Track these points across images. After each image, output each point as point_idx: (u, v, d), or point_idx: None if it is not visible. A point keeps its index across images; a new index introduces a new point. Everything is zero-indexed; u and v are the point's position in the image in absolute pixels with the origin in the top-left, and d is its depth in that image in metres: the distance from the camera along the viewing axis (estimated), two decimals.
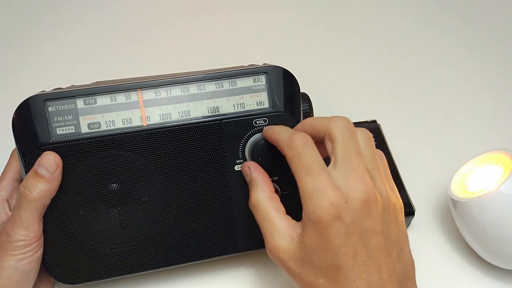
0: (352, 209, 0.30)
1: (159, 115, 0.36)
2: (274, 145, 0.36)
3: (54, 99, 0.35)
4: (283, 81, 0.38)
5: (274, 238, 0.33)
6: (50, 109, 0.35)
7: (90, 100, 0.35)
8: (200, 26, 0.71)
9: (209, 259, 0.40)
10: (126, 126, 0.36)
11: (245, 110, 0.37)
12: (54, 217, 0.36)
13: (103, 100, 0.35)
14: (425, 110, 0.58)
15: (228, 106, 0.37)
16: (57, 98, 0.35)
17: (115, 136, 0.35)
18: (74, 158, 0.35)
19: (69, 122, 0.35)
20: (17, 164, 0.37)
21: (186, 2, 0.75)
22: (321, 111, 0.47)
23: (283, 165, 0.37)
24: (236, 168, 0.38)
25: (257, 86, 0.38)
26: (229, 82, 0.37)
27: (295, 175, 0.32)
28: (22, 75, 0.63)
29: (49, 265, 0.37)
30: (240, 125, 0.37)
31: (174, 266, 0.39)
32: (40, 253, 0.35)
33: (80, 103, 0.35)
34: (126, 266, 0.38)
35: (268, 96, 0.38)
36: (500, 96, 0.60)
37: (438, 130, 0.56)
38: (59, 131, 0.35)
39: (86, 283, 0.38)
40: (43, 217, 0.35)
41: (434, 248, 0.45)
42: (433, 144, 0.54)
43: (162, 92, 0.36)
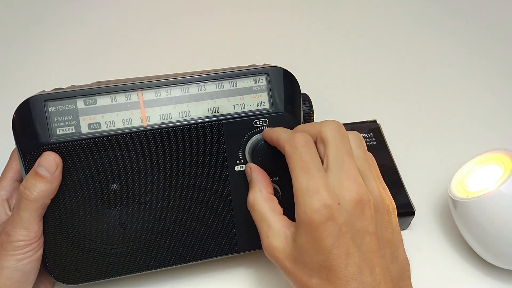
0: (345, 210, 0.30)
1: (159, 116, 0.36)
2: (273, 145, 0.36)
3: (54, 99, 0.35)
4: (284, 81, 0.38)
5: (270, 237, 0.33)
6: (50, 109, 0.35)
7: (90, 100, 0.35)
8: (200, 26, 0.71)
9: (209, 259, 0.40)
10: (126, 126, 0.36)
11: (245, 110, 0.37)
12: (54, 217, 0.36)
13: (103, 100, 0.35)
14: (425, 110, 0.58)
15: (228, 106, 0.37)
16: (57, 98, 0.35)
17: (115, 136, 0.35)
18: (74, 158, 0.35)
19: (69, 122, 0.35)
20: (17, 164, 0.37)
21: (186, 2, 0.75)
22: (321, 111, 0.47)
23: (283, 165, 0.37)
24: (236, 168, 0.38)
25: (257, 86, 0.38)
26: (229, 82, 0.37)
27: (292, 173, 0.32)
28: (22, 75, 0.63)
29: (49, 265, 0.37)
30: (240, 125, 0.37)
31: (174, 266, 0.39)
32: (40, 253, 0.35)
33: (80, 103, 0.35)
34: (126, 266, 0.38)
35: (268, 96, 0.38)
36: (500, 96, 0.60)
37: (438, 130, 0.56)
38: (59, 131, 0.35)
39: (86, 283, 0.38)
40: (43, 217, 0.35)
41: (434, 248, 0.45)
42: (433, 144, 0.54)
43: (163, 92, 0.36)
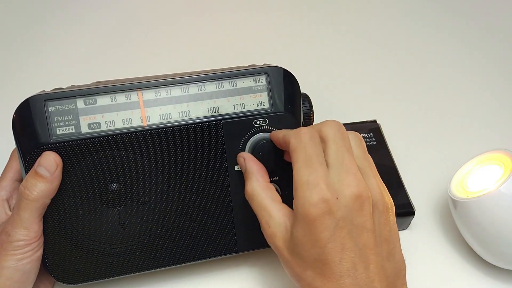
0: (343, 204, 0.30)
1: (159, 115, 0.36)
2: (277, 145, 0.36)
3: (54, 99, 0.35)
4: (284, 81, 0.38)
5: (271, 227, 0.33)
6: (50, 109, 0.35)
7: (90, 100, 0.35)
8: (200, 26, 0.71)
9: (209, 259, 0.40)
10: (126, 126, 0.36)
11: (245, 110, 0.37)
12: (54, 217, 0.36)
13: (103, 100, 0.35)
14: (425, 110, 0.58)
15: (228, 106, 0.37)
16: (57, 98, 0.35)
17: (115, 136, 0.35)
18: (74, 158, 0.35)
19: (69, 122, 0.35)
20: (17, 164, 0.37)
21: (186, 2, 0.75)
22: (321, 111, 0.47)
23: (284, 165, 0.37)
24: (236, 168, 0.38)
25: (257, 86, 0.38)
26: (229, 82, 0.37)
27: (294, 165, 0.32)
28: (22, 75, 0.63)
29: (49, 265, 0.37)
30: (240, 125, 0.37)
31: (174, 266, 0.39)
32: (40, 253, 0.35)
33: (80, 103, 0.35)
34: (126, 266, 0.38)
35: (268, 96, 0.38)
36: (500, 96, 0.60)
37: (438, 130, 0.56)
38: (59, 131, 0.35)
39: (86, 283, 0.38)
40: (43, 217, 0.35)
41: (434, 248, 0.45)
42: (433, 144, 0.54)
43: (162, 92, 0.36)
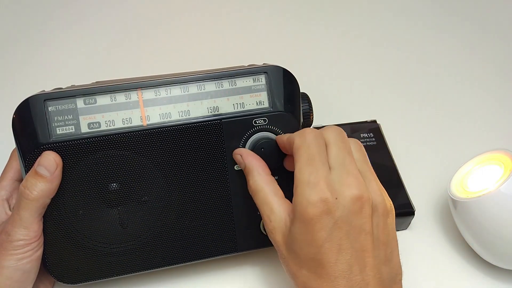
0: (342, 204, 0.30)
1: (159, 115, 0.36)
2: (281, 148, 0.37)
3: (54, 99, 0.35)
4: (283, 81, 0.38)
5: (272, 221, 0.34)
6: (50, 108, 0.35)
7: (90, 99, 0.35)
8: (200, 26, 0.71)
9: (209, 259, 0.40)
10: (126, 125, 0.36)
11: (245, 109, 0.37)
12: (54, 216, 0.36)
13: (103, 99, 0.35)
14: (425, 110, 0.58)
15: (228, 106, 0.37)
16: (57, 97, 0.35)
17: (115, 135, 0.35)
18: (74, 158, 0.35)
19: (69, 122, 0.35)
20: (17, 164, 0.37)
21: (186, 2, 0.75)
22: (321, 111, 0.47)
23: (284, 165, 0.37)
24: (236, 167, 0.38)
25: (257, 86, 0.38)
26: (229, 82, 0.37)
27: (296, 163, 0.32)
28: (22, 75, 0.63)
29: (49, 264, 0.37)
30: (240, 124, 0.37)
31: (174, 266, 0.39)
32: (40, 252, 0.35)
33: (80, 103, 0.35)
34: (126, 265, 0.38)
35: (268, 96, 0.38)
36: (500, 96, 0.60)
37: (438, 130, 0.56)
38: (59, 131, 0.35)
39: (86, 283, 0.38)
40: (43, 216, 0.35)
41: (434, 248, 0.45)
42: (433, 144, 0.54)
43: (162, 92, 0.36)
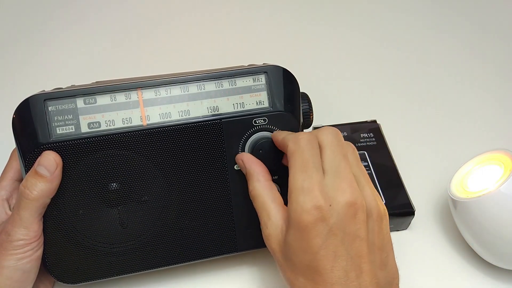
0: (336, 211, 0.30)
1: (159, 115, 0.36)
2: (277, 146, 0.36)
3: (54, 99, 0.35)
4: (283, 80, 0.38)
5: (268, 228, 0.34)
6: (50, 108, 0.35)
7: (90, 99, 0.35)
8: (200, 26, 0.71)
9: (208, 259, 0.40)
10: (126, 125, 0.36)
11: (244, 109, 0.37)
12: (54, 216, 0.36)
13: (103, 99, 0.35)
14: (425, 110, 0.58)
15: (227, 105, 0.37)
16: (57, 97, 0.35)
17: (115, 135, 0.35)
18: (74, 158, 0.35)
19: (69, 122, 0.35)
20: (17, 163, 0.37)
21: (186, 2, 0.75)
22: (321, 111, 0.47)
23: (283, 164, 0.37)
24: (236, 167, 0.38)
25: (256, 85, 0.38)
26: (228, 81, 0.37)
27: (290, 170, 0.32)
28: (22, 75, 0.63)
29: (49, 264, 0.37)
30: (239, 124, 0.37)
31: (174, 266, 0.39)
32: (40, 252, 0.35)
33: (80, 103, 0.35)
34: (126, 265, 0.38)
35: (267, 95, 0.38)
36: (500, 96, 0.60)
37: (438, 130, 0.56)
38: (59, 131, 0.35)
39: (86, 283, 0.38)
40: (43, 216, 0.35)
41: (434, 248, 0.45)
42: (433, 144, 0.54)
43: (162, 91, 0.36)
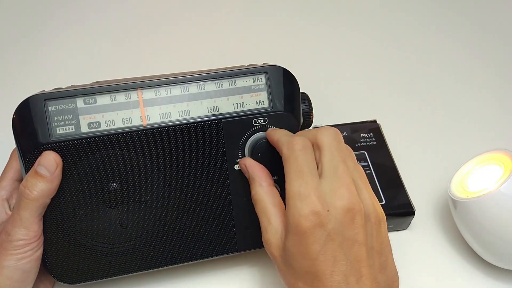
0: (334, 216, 0.30)
1: (159, 115, 0.36)
2: (272, 144, 0.36)
3: (54, 99, 0.35)
4: (283, 80, 0.38)
5: (268, 233, 0.34)
6: (50, 108, 0.35)
7: (90, 99, 0.35)
8: (200, 26, 0.71)
9: (208, 259, 0.40)
10: (126, 125, 0.36)
11: (244, 109, 0.38)
12: (54, 216, 0.36)
13: (103, 99, 0.35)
14: (425, 110, 0.58)
15: (228, 105, 0.37)
16: (57, 97, 0.35)
17: (115, 135, 0.35)
18: (74, 158, 0.35)
19: (69, 122, 0.35)
20: (17, 164, 0.37)
21: (186, 3, 0.75)
22: (321, 111, 0.47)
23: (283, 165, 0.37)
24: (236, 167, 0.38)
25: (256, 85, 0.38)
26: (229, 81, 0.37)
27: (286, 176, 0.32)
28: (22, 75, 0.63)
29: (49, 264, 0.37)
30: (240, 124, 0.37)
31: (174, 266, 0.39)
32: (40, 252, 0.35)
33: (80, 103, 0.35)
34: (126, 265, 0.38)
35: (267, 95, 0.38)
36: (500, 96, 0.60)
37: (438, 130, 0.56)
38: (59, 131, 0.35)
39: (86, 283, 0.38)
40: (43, 216, 0.35)
41: (434, 248, 0.45)
42: (433, 144, 0.54)
43: (162, 91, 0.36)
